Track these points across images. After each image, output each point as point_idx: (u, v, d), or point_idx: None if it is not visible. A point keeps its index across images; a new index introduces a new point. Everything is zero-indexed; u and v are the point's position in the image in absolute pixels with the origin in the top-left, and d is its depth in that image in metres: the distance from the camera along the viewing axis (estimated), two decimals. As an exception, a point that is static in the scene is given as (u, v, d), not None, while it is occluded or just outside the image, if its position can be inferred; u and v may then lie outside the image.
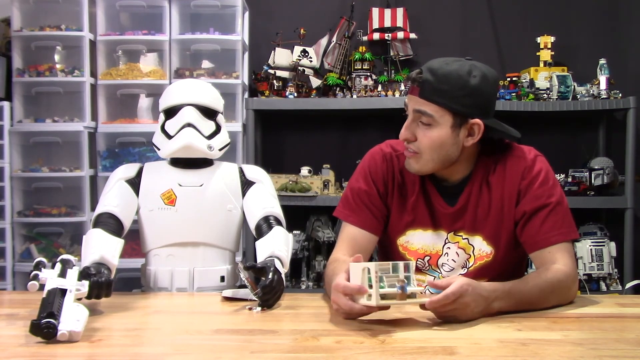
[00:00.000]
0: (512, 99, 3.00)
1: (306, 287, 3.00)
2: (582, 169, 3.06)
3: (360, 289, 1.18)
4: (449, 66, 1.42)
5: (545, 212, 1.45)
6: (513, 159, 1.51)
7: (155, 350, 1.10)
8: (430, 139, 1.43)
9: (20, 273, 2.91)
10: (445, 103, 1.41)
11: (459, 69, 1.41)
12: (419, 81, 1.42)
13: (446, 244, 1.54)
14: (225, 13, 3.06)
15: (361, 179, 1.59)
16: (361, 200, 1.57)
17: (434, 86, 1.41)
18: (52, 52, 3.02)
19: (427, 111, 1.42)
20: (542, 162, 1.51)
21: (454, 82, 1.40)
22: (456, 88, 1.40)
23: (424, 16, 3.30)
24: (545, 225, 1.44)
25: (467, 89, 1.41)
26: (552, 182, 1.49)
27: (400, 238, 1.58)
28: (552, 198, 1.46)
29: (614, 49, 3.23)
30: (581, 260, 3.04)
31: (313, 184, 2.96)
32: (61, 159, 2.98)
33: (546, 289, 1.36)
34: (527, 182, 1.48)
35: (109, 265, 1.48)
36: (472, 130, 1.45)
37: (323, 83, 3.09)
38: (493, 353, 1.03)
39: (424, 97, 1.42)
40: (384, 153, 1.60)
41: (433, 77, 1.41)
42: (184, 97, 1.74)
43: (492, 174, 1.52)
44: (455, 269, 1.55)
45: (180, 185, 1.73)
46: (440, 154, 1.45)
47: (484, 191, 1.52)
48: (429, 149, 1.45)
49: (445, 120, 1.42)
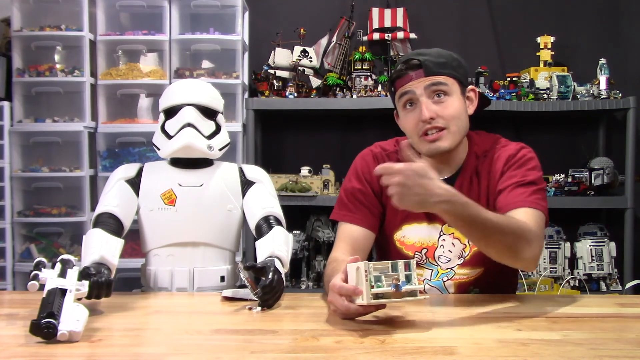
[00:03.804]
0: (512, 99, 3.00)
1: (306, 287, 3.00)
2: (582, 169, 3.06)
3: (355, 289, 1.19)
4: (430, 49, 1.54)
5: (517, 184, 1.47)
6: (501, 150, 1.57)
7: (155, 350, 1.10)
8: (453, 107, 1.49)
9: (20, 273, 2.91)
10: (450, 72, 1.50)
11: (439, 49, 1.54)
12: (419, 64, 1.49)
13: (441, 235, 1.57)
14: (225, 13, 3.07)
15: (354, 179, 1.63)
16: (356, 198, 1.60)
17: (435, 62, 1.49)
18: (52, 52, 3.02)
19: (441, 81, 1.49)
20: (527, 151, 1.56)
21: (446, 55, 1.53)
22: (450, 59, 1.52)
23: (424, 16, 3.30)
24: (515, 193, 1.46)
25: (457, 61, 1.54)
26: (532, 165, 1.52)
27: (397, 233, 1.60)
28: (527, 177, 1.49)
29: (614, 49, 3.23)
30: (581, 260, 3.05)
31: (313, 184, 2.96)
32: (61, 159, 2.98)
33: (505, 228, 1.30)
34: (508, 166, 1.53)
35: (109, 265, 1.48)
36: (470, 98, 1.56)
37: (323, 83, 3.09)
38: (493, 353, 1.03)
39: (432, 73, 1.48)
40: (374, 153, 1.64)
41: (429, 57, 1.50)
42: (184, 97, 1.74)
43: (481, 164, 1.56)
44: (452, 259, 1.57)
45: (180, 185, 1.73)
46: (462, 123, 1.52)
47: (474, 182, 1.56)
48: (455, 119, 1.50)
49: (456, 89, 1.51)
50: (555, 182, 3.00)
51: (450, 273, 1.57)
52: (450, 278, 1.58)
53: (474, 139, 1.61)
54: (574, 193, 2.97)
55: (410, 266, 1.20)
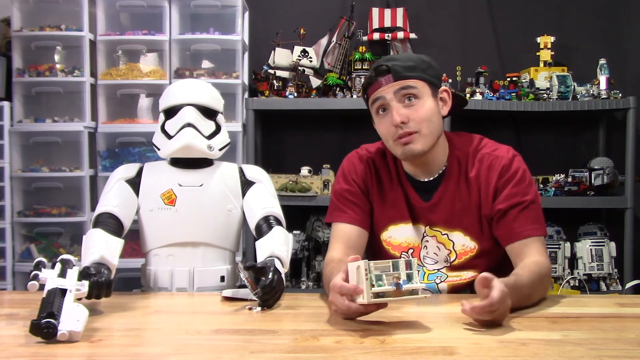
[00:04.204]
0: (512, 99, 2.99)
1: (306, 287, 3.00)
2: (582, 169, 3.06)
3: (356, 288, 1.19)
4: (399, 54, 1.56)
5: (519, 209, 1.49)
6: (492, 156, 1.56)
7: (155, 350, 1.10)
8: (424, 109, 1.50)
9: (20, 273, 2.91)
10: (419, 75, 1.51)
11: (409, 53, 1.52)
12: (386, 69, 1.50)
13: (424, 237, 1.58)
14: (225, 13, 3.06)
15: (342, 181, 1.66)
16: (345, 199, 1.62)
17: (403, 66, 1.50)
18: (52, 52, 3.02)
19: (410, 84, 1.49)
20: (519, 161, 1.56)
21: (415, 59, 1.53)
22: (419, 62, 1.52)
23: (424, 16, 3.30)
24: (519, 220, 1.49)
25: (426, 63, 1.53)
26: (527, 181, 1.53)
27: (384, 233, 1.62)
28: (526, 197, 1.51)
29: (614, 49, 3.23)
30: (581, 260, 3.04)
31: (313, 184, 2.96)
32: (61, 159, 2.98)
33: (536, 282, 1.38)
34: (504, 181, 1.52)
35: (109, 265, 1.48)
36: (443, 99, 1.56)
37: (323, 83, 3.09)
38: (493, 353, 1.03)
39: (400, 78, 1.49)
40: (359, 155, 1.68)
41: (397, 62, 1.51)
42: (184, 97, 1.74)
43: (470, 170, 1.56)
44: (438, 262, 1.58)
45: (180, 185, 1.73)
46: (434, 125, 1.52)
47: (462, 187, 1.56)
48: (426, 122, 1.50)
49: (426, 91, 1.51)
50: (555, 182, 3.00)
51: (440, 274, 1.58)
52: (443, 280, 1.58)
53: (454, 141, 1.61)
54: (574, 193, 2.97)
55: (411, 265, 1.21)
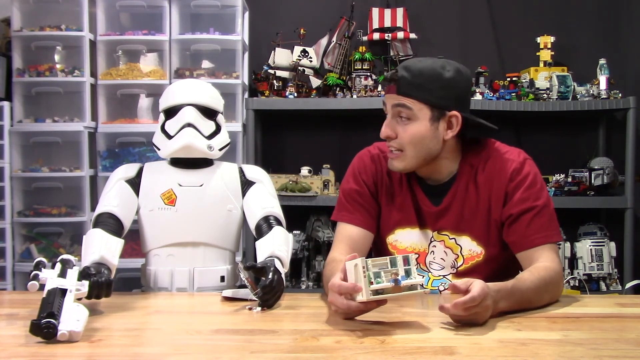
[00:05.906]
0: (512, 99, 2.99)
1: (306, 287, 3.00)
2: (582, 169, 3.06)
3: (354, 286, 1.19)
4: (422, 63, 1.47)
5: (531, 214, 1.47)
6: (502, 160, 1.53)
7: (155, 350, 1.10)
8: (411, 133, 1.47)
9: (20, 273, 2.91)
10: (421, 96, 1.45)
11: (432, 64, 1.46)
12: (395, 79, 1.47)
13: (432, 242, 1.57)
14: (225, 13, 3.06)
15: (351, 180, 1.63)
16: (353, 199, 1.60)
17: (410, 81, 1.45)
18: (52, 52, 3.02)
19: (406, 104, 1.46)
20: (530, 165, 1.53)
21: (428, 75, 1.45)
22: (431, 81, 1.45)
23: (424, 16, 3.30)
24: (532, 227, 1.47)
25: (441, 82, 1.45)
26: (539, 185, 1.51)
27: (390, 237, 1.60)
28: (538, 201, 1.48)
29: (614, 49, 3.23)
30: (581, 260, 3.04)
31: (313, 184, 2.96)
32: (61, 159, 2.98)
33: (541, 287, 1.37)
34: (515, 184, 1.50)
35: (109, 265, 1.48)
36: (450, 123, 1.48)
37: (323, 83, 3.09)
38: (493, 353, 1.03)
39: (401, 93, 1.46)
40: (371, 154, 1.64)
41: (408, 73, 1.46)
42: (184, 97, 1.74)
43: (480, 173, 1.54)
44: (445, 267, 1.56)
45: (180, 185, 1.73)
46: (422, 149, 1.48)
47: (471, 191, 1.53)
48: (411, 144, 1.48)
49: (423, 114, 1.46)
50: (555, 182, 2.99)
51: (444, 281, 1.57)
52: (447, 288, 1.55)
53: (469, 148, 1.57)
54: (574, 193, 2.97)
55: (409, 261, 1.21)
